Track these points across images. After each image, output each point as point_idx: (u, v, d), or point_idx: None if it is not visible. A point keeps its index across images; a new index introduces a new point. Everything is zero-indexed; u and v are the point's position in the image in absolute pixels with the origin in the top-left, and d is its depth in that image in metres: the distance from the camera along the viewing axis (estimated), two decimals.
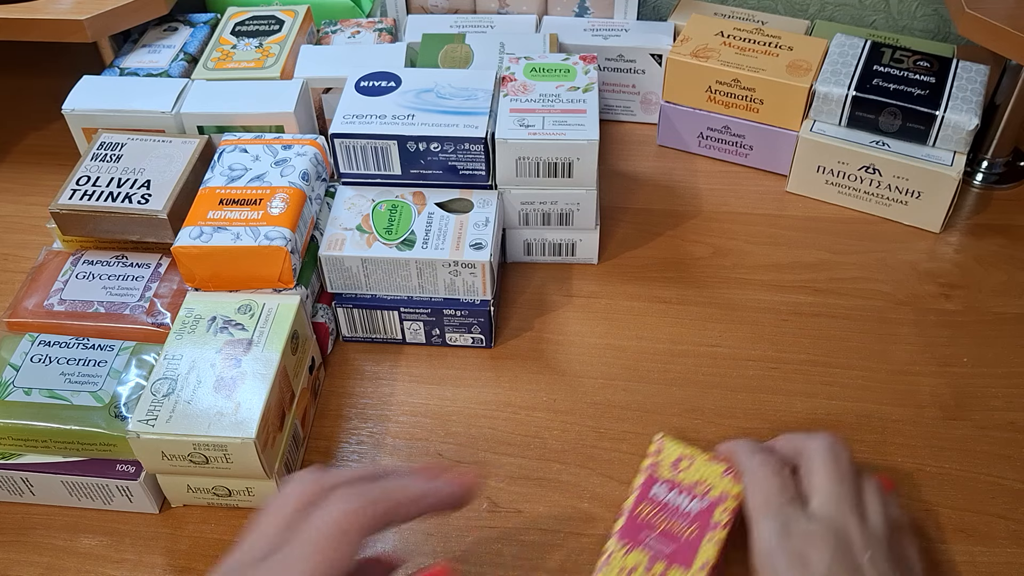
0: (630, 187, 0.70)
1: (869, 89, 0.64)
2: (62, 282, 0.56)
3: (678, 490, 0.44)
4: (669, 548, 0.43)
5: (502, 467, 0.52)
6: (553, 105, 0.59)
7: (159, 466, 0.48)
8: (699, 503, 0.44)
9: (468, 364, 0.58)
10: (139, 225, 0.56)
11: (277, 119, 0.62)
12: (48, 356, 0.51)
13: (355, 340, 0.60)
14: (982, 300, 0.61)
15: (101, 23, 0.68)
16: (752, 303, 0.61)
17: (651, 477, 0.45)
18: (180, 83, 0.64)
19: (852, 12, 0.80)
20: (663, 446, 0.46)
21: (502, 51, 0.69)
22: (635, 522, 0.43)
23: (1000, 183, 0.70)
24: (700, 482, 0.44)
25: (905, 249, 0.65)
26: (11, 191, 0.72)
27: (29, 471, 0.49)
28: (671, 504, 0.44)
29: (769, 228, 0.67)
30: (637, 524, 0.43)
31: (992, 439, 0.53)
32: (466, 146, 0.57)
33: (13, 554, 0.49)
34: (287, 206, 0.54)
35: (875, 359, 0.57)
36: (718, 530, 0.43)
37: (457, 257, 0.55)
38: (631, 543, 0.43)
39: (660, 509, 0.44)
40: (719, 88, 0.68)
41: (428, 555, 0.48)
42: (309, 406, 0.54)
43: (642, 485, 0.45)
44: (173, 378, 0.48)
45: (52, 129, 0.78)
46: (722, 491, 0.44)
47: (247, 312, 0.52)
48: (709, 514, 0.43)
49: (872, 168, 0.65)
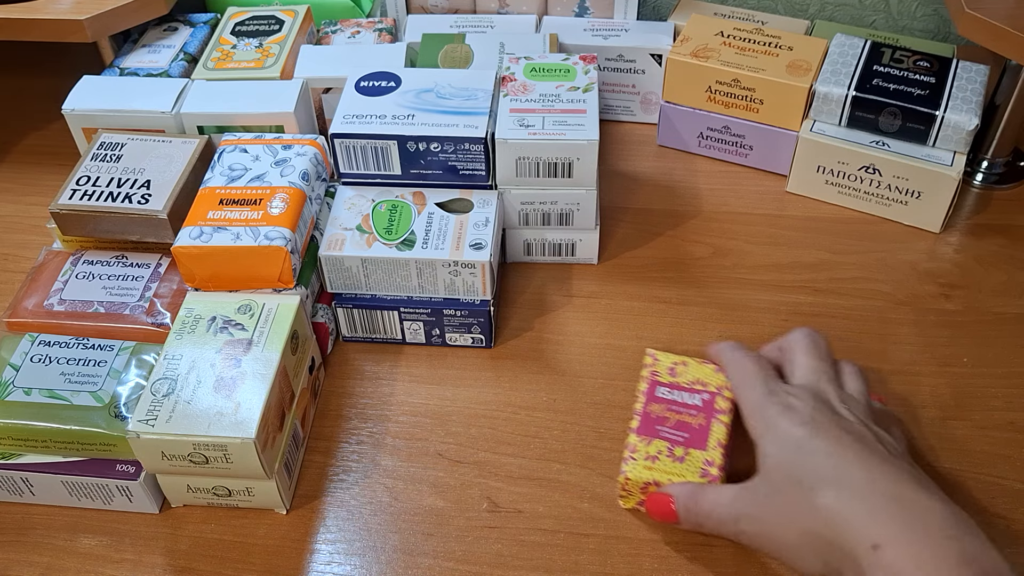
0: (630, 187, 0.71)
1: (869, 89, 0.64)
2: (62, 282, 0.56)
3: (679, 389, 0.50)
4: (684, 435, 0.48)
5: (502, 467, 0.52)
6: (553, 105, 0.59)
7: (159, 466, 0.48)
8: (700, 397, 0.49)
9: (468, 364, 0.58)
10: (139, 225, 0.56)
11: (277, 119, 0.62)
12: (48, 356, 0.51)
13: (355, 340, 0.60)
14: (982, 300, 0.61)
15: (101, 23, 0.68)
16: (752, 303, 0.61)
17: (653, 382, 0.50)
18: (180, 83, 0.64)
19: (852, 12, 0.80)
20: (656, 357, 0.51)
21: (502, 51, 0.69)
22: (648, 419, 0.49)
23: (1000, 183, 0.70)
24: (697, 380, 0.50)
25: (905, 249, 0.65)
26: (11, 191, 0.72)
27: (29, 471, 0.49)
28: (676, 401, 0.49)
29: (769, 228, 0.67)
30: (651, 420, 0.49)
31: (992, 439, 0.53)
32: (466, 146, 0.57)
33: (13, 554, 0.49)
34: (287, 206, 0.54)
35: (875, 359, 0.57)
36: (723, 415, 0.48)
37: (457, 257, 0.55)
38: (650, 436, 0.48)
39: (668, 406, 0.49)
40: (719, 88, 0.68)
41: (428, 555, 0.48)
42: (309, 406, 0.54)
43: (647, 390, 0.50)
44: (173, 378, 0.48)
45: (52, 129, 0.78)
46: (718, 385, 0.50)
47: (247, 312, 0.52)
48: (711, 404, 0.49)
49: (872, 168, 0.65)
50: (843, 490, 0.40)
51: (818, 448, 0.42)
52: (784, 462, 0.42)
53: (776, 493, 0.42)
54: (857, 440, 0.42)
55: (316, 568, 0.48)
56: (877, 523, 0.38)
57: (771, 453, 0.43)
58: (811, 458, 0.42)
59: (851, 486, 0.40)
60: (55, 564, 0.48)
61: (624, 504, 0.50)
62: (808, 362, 0.47)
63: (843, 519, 0.39)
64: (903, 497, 0.39)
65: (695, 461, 0.47)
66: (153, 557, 0.49)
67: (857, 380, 0.47)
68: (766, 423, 0.44)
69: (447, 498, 0.51)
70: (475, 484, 0.51)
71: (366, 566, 0.48)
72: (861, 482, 0.40)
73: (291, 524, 0.50)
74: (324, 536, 0.49)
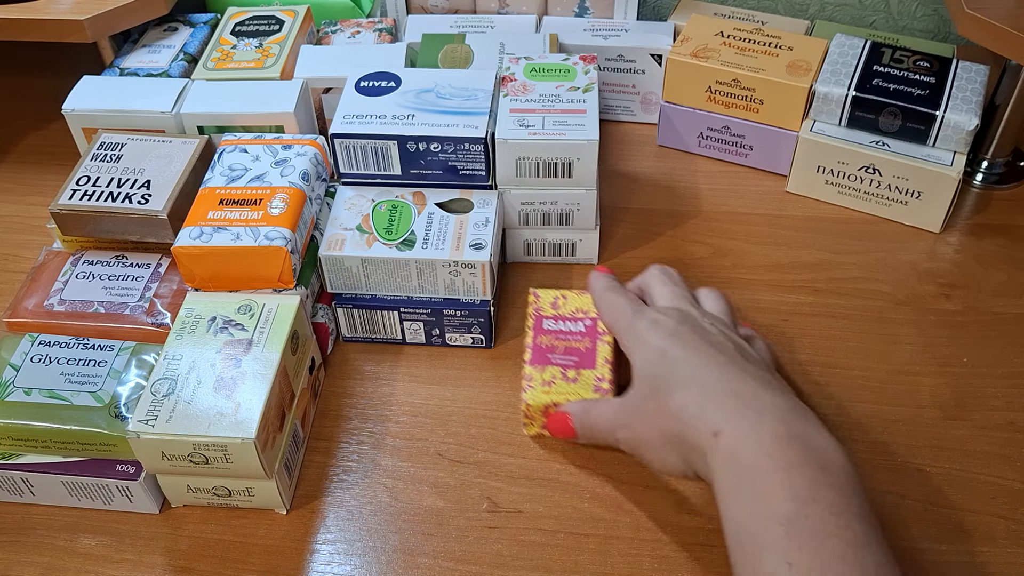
0: (630, 187, 0.71)
1: (869, 89, 0.64)
2: (62, 282, 0.56)
3: (563, 319, 0.55)
4: (573, 359, 0.52)
5: (502, 467, 0.52)
6: (553, 105, 0.59)
7: (159, 466, 0.48)
8: (583, 323, 0.54)
9: (468, 364, 0.58)
10: (139, 225, 0.56)
11: (277, 119, 0.62)
12: (48, 356, 0.51)
13: (355, 340, 0.60)
14: (982, 300, 0.61)
15: (101, 23, 0.68)
16: (752, 303, 0.61)
17: (539, 317, 0.55)
18: (180, 83, 0.64)
19: (852, 12, 0.80)
20: (538, 295, 0.56)
21: (502, 51, 0.69)
22: (539, 350, 0.53)
23: (1000, 183, 0.70)
24: (578, 309, 0.55)
25: (905, 249, 0.65)
26: (11, 191, 0.72)
27: (29, 471, 0.49)
28: (562, 330, 0.54)
29: (769, 228, 0.67)
30: (541, 350, 0.53)
31: (992, 439, 0.53)
32: (466, 146, 0.57)
33: (13, 554, 0.49)
34: (287, 206, 0.54)
35: (875, 359, 0.57)
36: (606, 335, 0.53)
37: (457, 257, 0.55)
38: (543, 364, 0.52)
39: (555, 336, 0.53)
40: (719, 88, 0.68)
41: (428, 555, 0.48)
42: (309, 406, 0.54)
43: (534, 325, 0.54)
44: (173, 378, 0.48)
45: (52, 129, 0.78)
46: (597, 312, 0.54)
47: (247, 312, 0.52)
48: (594, 328, 0.54)
49: (872, 168, 0.65)
50: (692, 389, 0.43)
51: (678, 356, 0.45)
52: (649, 372, 0.46)
53: (643, 400, 0.46)
54: (713, 346, 0.45)
55: (316, 568, 0.48)
56: (718, 414, 0.42)
57: (640, 365, 0.47)
58: (671, 365, 0.45)
59: (699, 385, 0.43)
60: (55, 564, 0.48)
61: (528, 431, 0.53)
62: (665, 290, 0.50)
63: (690, 415, 0.43)
64: (743, 392, 0.42)
65: (587, 380, 0.51)
66: (153, 557, 0.49)
67: (718, 300, 0.51)
68: (636, 339, 0.47)
69: (447, 498, 0.51)
70: (475, 484, 0.51)
71: (366, 566, 0.48)
72: (708, 380, 0.43)
73: (291, 524, 0.50)
74: (324, 536, 0.49)
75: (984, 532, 0.48)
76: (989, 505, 0.50)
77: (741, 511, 0.39)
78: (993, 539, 0.48)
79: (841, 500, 0.38)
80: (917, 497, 0.50)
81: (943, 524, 0.49)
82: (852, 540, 0.37)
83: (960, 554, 0.48)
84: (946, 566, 0.47)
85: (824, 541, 0.37)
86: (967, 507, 0.50)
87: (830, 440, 0.40)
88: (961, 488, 0.50)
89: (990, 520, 0.49)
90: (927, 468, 0.51)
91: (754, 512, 0.39)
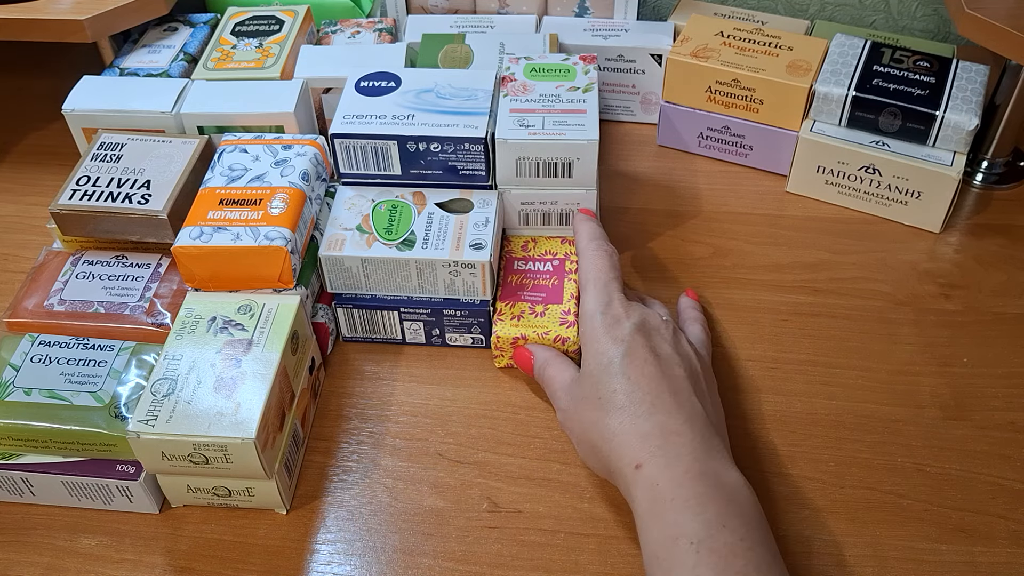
0: (630, 187, 0.71)
1: (869, 89, 0.64)
2: (62, 282, 0.56)
3: (532, 260, 0.58)
4: (541, 295, 0.56)
5: (502, 467, 0.52)
6: (553, 105, 0.59)
7: (159, 466, 0.48)
8: (551, 264, 0.58)
9: (468, 364, 0.58)
10: (139, 225, 0.56)
11: (277, 119, 0.62)
12: (48, 356, 0.51)
13: (355, 340, 0.60)
14: (982, 300, 0.61)
15: (101, 23, 0.68)
16: (752, 303, 0.61)
17: (509, 259, 0.59)
18: (180, 83, 0.64)
19: (852, 12, 0.80)
20: (510, 239, 0.60)
21: (502, 51, 0.69)
22: (510, 287, 0.57)
23: (1000, 183, 0.70)
24: (546, 251, 0.59)
25: (905, 249, 0.65)
26: (11, 191, 0.72)
27: (29, 471, 0.49)
28: (531, 270, 0.58)
29: (769, 228, 0.67)
30: (512, 288, 0.57)
31: (992, 439, 0.53)
32: (466, 146, 0.57)
33: (13, 554, 0.49)
34: (287, 206, 0.54)
35: (875, 359, 0.57)
36: (573, 274, 0.57)
37: (457, 257, 0.55)
38: (512, 300, 0.56)
39: (524, 276, 0.57)
40: (719, 88, 0.68)
41: (428, 555, 0.48)
42: (309, 406, 0.54)
43: (504, 266, 0.58)
44: (173, 378, 0.48)
45: (52, 129, 0.78)
46: (565, 252, 0.59)
47: (247, 312, 0.52)
48: (562, 267, 0.58)
49: (872, 168, 0.65)
50: (624, 417, 0.46)
51: (622, 372, 0.47)
52: (595, 377, 0.48)
53: (583, 400, 0.48)
54: (658, 372, 0.47)
55: (316, 568, 0.48)
56: (642, 451, 0.44)
57: (589, 363, 0.49)
58: (614, 381, 0.47)
59: (631, 415, 0.45)
60: (55, 564, 0.48)
61: (497, 364, 0.57)
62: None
63: (618, 442, 0.45)
64: (668, 428, 0.45)
65: (554, 314, 0.55)
66: (153, 557, 0.49)
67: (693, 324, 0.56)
68: (593, 332, 0.49)
69: (447, 498, 0.51)
70: (475, 484, 0.51)
71: (366, 566, 0.48)
72: (640, 411, 0.45)
73: (291, 524, 0.50)
74: (324, 536, 0.49)
75: (984, 532, 0.48)
76: (989, 505, 0.50)
77: (657, 534, 0.42)
78: (993, 539, 0.48)
79: (746, 528, 0.41)
80: (917, 497, 0.50)
81: (943, 524, 0.49)
82: (755, 562, 0.40)
83: (960, 554, 0.48)
84: (946, 566, 0.47)
85: (730, 560, 0.40)
86: (967, 507, 0.50)
87: (739, 477, 0.44)
88: (961, 488, 0.50)
89: (990, 520, 0.49)
90: (927, 468, 0.51)
91: (668, 535, 0.42)
